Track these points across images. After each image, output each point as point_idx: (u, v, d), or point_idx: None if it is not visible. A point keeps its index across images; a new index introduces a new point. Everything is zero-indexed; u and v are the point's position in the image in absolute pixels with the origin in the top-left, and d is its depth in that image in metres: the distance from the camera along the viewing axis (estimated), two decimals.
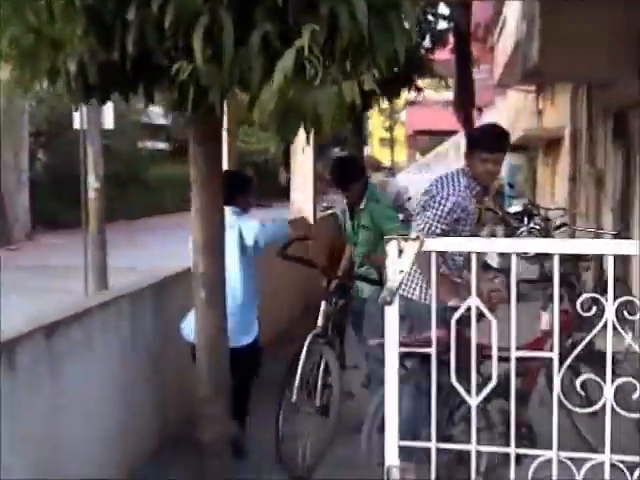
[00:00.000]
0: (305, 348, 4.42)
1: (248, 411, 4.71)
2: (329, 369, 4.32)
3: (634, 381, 2.18)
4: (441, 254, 2.84)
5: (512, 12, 14.74)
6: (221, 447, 3.98)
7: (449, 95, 15.54)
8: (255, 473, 4.25)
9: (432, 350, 2.34)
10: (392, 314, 2.33)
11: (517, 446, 2.34)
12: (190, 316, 4.20)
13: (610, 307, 2.14)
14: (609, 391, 2.20)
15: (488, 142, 4.01)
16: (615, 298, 2.12)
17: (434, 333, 2.33)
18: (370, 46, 3.20)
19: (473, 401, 2.31)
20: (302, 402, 4.34)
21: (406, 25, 3.31)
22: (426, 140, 30.23)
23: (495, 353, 2.32)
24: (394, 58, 3.30)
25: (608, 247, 2.24)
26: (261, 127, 3.17)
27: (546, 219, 12.93)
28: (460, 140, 22.48)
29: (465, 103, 10.42)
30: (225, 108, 3.54)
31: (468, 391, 2.32)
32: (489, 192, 4.18)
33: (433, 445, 2.36)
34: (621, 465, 2.22)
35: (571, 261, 5.32)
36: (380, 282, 4.86)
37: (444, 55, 12.59)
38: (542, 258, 7.45)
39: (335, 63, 3.14)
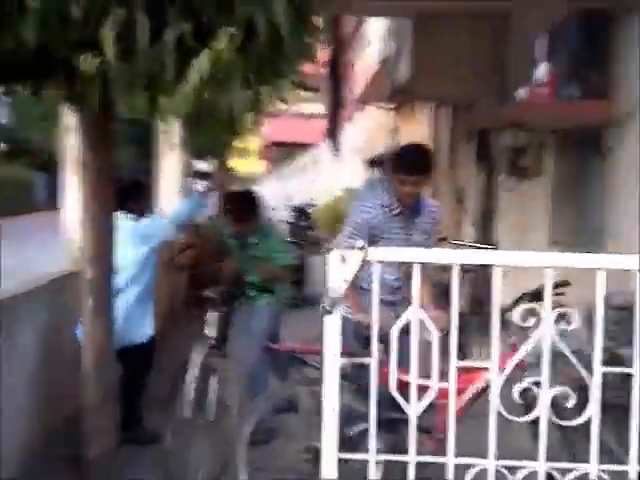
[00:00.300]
0: (196, 361, 4.26)
1: (142, 410, 4.78)
2: (224, 381, 4.18)
3: (569, 391, 2.23)
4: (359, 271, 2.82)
5: (375, 30, 15.19)
6: (108, 462, 3.77)
7: (309, 107, 15.72)
8: None
9: (372, 360, 2.29)
10: (333, 323, 2.27)
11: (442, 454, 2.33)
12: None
13: (549, 317, 2.17)
14: (545, 400, 2.23)
15: (406, 164, 3.88)
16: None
17: (375, 345, 2.29)
18: (286, 52, 3.14)
19: (412, 412, 2.27)
20: (197, 417, 4.16)
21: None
22: (280, 151, 30.37)
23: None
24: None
25: (598, 261, 2.28)
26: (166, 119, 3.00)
27: None
28: (320, 153, 22.86)
29: (336, 117, 10.53)
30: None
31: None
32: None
33: (372, 457, 2.30)
34: (554, 472, 2.26)
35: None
36: (272, 291, 4.88)
37: (309, 68, 12.73)
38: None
39: (251, 67, 3.04)
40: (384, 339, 2.50)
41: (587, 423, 2.41)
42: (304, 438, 3.57)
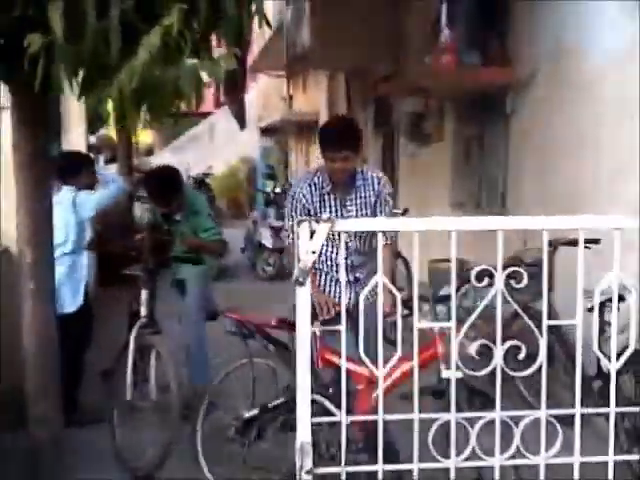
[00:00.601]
0: (133, 341, 4.26)
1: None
2: (162, 359, 4.19)
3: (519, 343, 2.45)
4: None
5: None
6: (52, 449, 3.75)
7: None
8: (96, 473, 4.02)
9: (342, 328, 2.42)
10: (304, 294, 2.38)
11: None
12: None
13: (499, 276, 2.37)
14: (499, 354, 2.44)
15: (328, 141, 3.75)
16: None
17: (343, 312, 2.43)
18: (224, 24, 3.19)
19: (379, 375, 2.42)
20: (137, 399, 4.17)
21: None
22: (171, 121, 29.72)
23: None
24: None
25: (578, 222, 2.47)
26: (117, 106, 2.99)
27: None
28: (215, 122, 22.61)
29: (238, 85, 10.51)
30: None
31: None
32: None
33: (343, 419, 2.45)
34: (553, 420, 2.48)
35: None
36: (199, 261, 4.86)
37: None
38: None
39: (194, 41, 3.07)
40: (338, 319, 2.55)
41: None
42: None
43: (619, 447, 3.32)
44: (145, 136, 25.84)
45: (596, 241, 3.76)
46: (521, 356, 2.50)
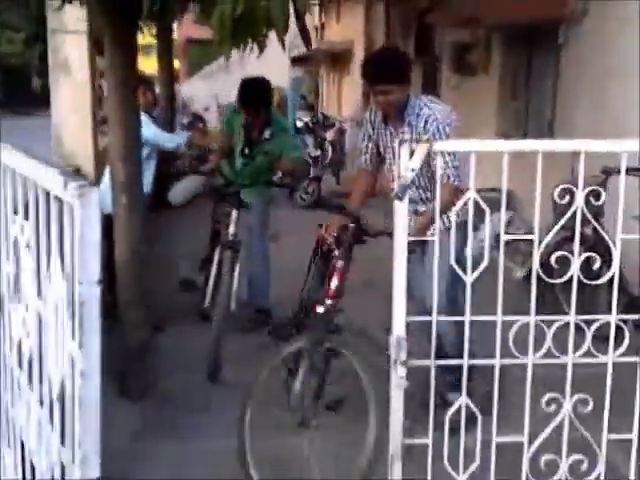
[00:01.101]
0: (218, 257, 4.58)
1: None
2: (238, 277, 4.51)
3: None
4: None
5: None
6: (142, 352, 4.08)
7: None
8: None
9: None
10: (402, 208, 2.61)
11: None
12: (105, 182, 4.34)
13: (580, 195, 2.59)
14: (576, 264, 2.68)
15: (371, 72, 3.71)
16: None
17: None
18: None
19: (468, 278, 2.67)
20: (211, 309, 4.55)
21: None
22: (199, 48, 29.43)
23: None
24: None
25: None
26: (218, 35, 3.20)
27: (341, 129, 13.68)
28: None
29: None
30: None
31: None
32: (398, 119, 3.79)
33: (434, 318, 2.71)
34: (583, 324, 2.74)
35: None
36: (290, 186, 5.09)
37: None
38: None
39: None
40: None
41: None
42: None
43: None
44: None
45: None
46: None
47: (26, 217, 1.98)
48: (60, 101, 5.87)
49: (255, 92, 4.90)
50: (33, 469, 2.10)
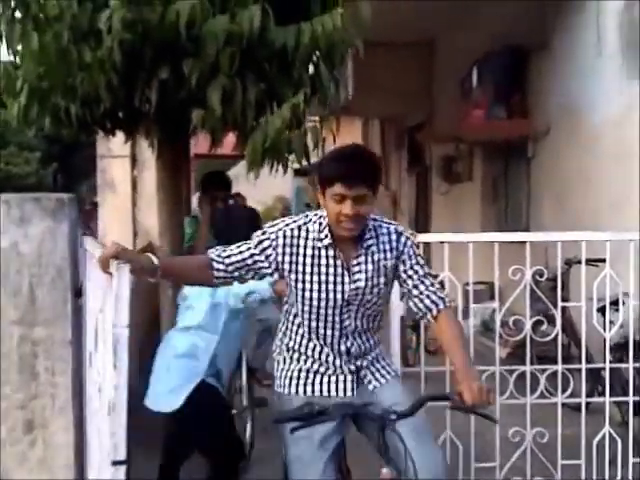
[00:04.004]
0: None
1: None
2: None
3: None
4: None
5: None
6: None
7: None
8: None
9: None
10: None
11: None
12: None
13: (528, 273, 3.50)
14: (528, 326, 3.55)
15: (336, 170, 2.51)
16: None
17: None
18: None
19: None
20: None
21: None
22: (206, 164, 31.12)
23: None
24: None
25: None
26: (250, 158, 4.18)
27: None
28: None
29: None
30: None
31: None
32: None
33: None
34: None
35: None
36: None
37: None
38: None
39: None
40: None
41: None
42: None
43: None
44: None
45: (602, 260, 4.34)
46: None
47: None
48: (106, 214, 6.97)
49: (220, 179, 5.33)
50: None
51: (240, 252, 2.61)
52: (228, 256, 2.61)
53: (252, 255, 2.61)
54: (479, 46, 7.78)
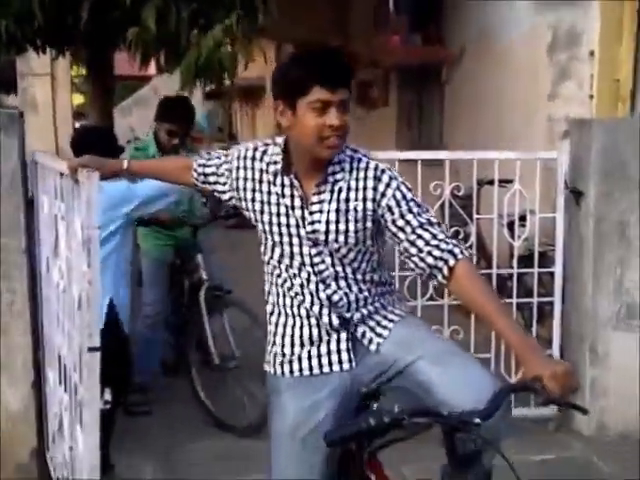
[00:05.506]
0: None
1: None
2: None
3: None
4: None
5: None
6: None
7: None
8: None
9: None
10: None
11: None
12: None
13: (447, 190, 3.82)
14: None
15: (315, 68, 2.01)
16: None
17: None
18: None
19: None
20: None
21: None
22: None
23: None
24: None
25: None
26: (184, 77, 4.31)
27: None
28: (158, 85, 23.54)
29: None
30: None
31: None
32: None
33: None
34: None
35: None
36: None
37: None
38: None
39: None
40: None
41: None
42: None
43: None
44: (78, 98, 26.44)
45: (509, 181, 4.50)
46: None
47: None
48: (28, 135, 6.80)
49: (183, 108, 4.39)
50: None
51: (219, 157, 2.30)
52: (209, 159, 2.33)
53: (223, 163, 2.27)
54: None
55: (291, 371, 2.19)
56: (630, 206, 3.86)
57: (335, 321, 2.14)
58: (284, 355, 2.20)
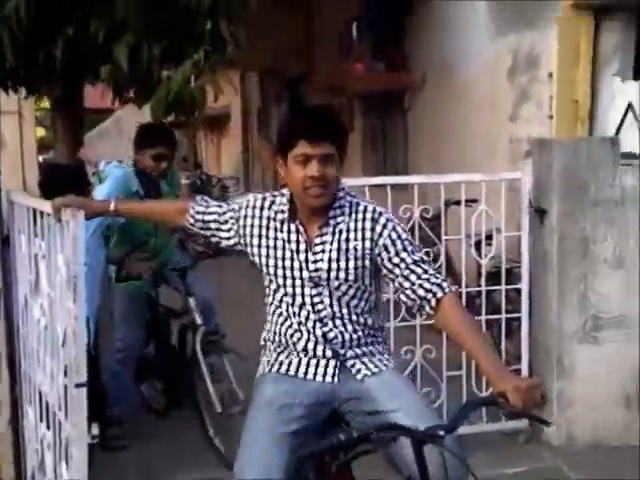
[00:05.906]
0: None
1: None
2: None
3: None
4: None
5: None
6: None
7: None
8: None
9: None
10: None
11: None
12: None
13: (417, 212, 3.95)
14: None
15: (295, 127, 2.33)
16: None
17: None
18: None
19: None
20: None
21: None
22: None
23: None
24: None
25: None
26: (154, 111, 4.38)
27: (223, 186, 15.04)
28: (122, 117, 23.56)
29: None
30: None
31: None
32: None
33: None
34: None
35: None
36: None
37: None
38: None
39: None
40: None
41: None
42: None
43: None
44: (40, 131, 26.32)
45: (475, 200, 4.37)
46: None
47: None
48: None
49: (166, 132, 4.44)
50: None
51: (220, 206, 2.48)
52: (208, 206, 2.49)
53: (227, 212, 2.44)
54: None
55: (278, 370, 2.38)
56: (592, 223, 4.00)
57: (328, 353, 2.34)
58: (274, 363, 2.41)
